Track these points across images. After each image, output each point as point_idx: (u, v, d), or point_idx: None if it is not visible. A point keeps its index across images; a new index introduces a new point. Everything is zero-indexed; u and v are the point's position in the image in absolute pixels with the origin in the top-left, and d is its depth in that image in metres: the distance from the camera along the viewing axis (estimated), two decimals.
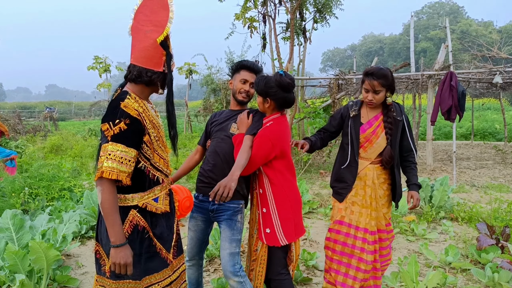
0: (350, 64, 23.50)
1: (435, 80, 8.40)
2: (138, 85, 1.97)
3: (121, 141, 1.82)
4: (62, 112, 35.47)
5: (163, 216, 2.05)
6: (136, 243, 1.94)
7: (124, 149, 1.82)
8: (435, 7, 59.44)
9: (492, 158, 10.95)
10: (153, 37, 1.91)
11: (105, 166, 1.77)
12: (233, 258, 2.47)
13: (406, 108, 14.85)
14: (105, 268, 1.94)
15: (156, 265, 2.01)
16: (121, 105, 1.86)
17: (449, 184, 5.40)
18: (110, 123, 1.83)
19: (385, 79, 2.52)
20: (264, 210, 2.40)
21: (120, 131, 1.82)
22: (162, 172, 2.06)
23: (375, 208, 2.68)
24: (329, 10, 9.66)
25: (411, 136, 2.76)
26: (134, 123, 1.86)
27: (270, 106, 2.44)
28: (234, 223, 2.49)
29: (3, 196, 4.90)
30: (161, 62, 1.96)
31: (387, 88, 2.56)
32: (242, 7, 9.10)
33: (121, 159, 1.80)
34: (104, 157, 1.79)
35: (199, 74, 16.97)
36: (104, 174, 1.76)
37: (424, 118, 11.53)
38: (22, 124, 16.69)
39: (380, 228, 2.71)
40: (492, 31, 42.11)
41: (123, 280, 1.93)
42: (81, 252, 4.07)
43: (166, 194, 2.07)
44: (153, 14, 1.93)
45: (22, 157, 8.69)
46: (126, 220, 1.92)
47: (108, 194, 1.80)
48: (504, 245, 3.62)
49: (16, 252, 2.81)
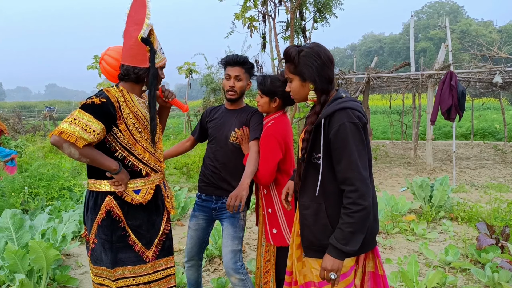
0: (350, 64, 23.53)
1: (435, 80, 8.40)
2: (128, 82, 2.07)
3: (90, 111, 1.90)
4: (61, 112, 35.32)
5: (144, 209, 2.07)
6: (108, 228, 2.01)
7: (90, 119, 1.88)
8: (435, 6, 59.42)
9: (492, 157, 10.96)
10: (135, 36, 1.99)
11: (66, 128, 1.83)
12: (235, 255, 2.46)
13: (406, 107, 14.96)
14: (89, 253, 2.07)
15: (128, 257, 2.05)
16: (104, 90, 2.00)
17: (449, 183, 5.39)
18: (87, 99, 1.95)
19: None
20: (270, 211, 2.38)
21: (93, 103, 1.92)
22: (149, 166, 2.09)
23: None
24: (329, 9, 9.64)
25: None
26: (108, 105, 1.95)
27: (278, 105, 2.41)
28: (237, 220, 2.49)
29: (3, 196, 4.89)
30: (145, 59, 2.03)
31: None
32: (242, 6, 9.09)
33: (85, 126, 1.86)
34: (68, 120, 1.86)
35: (199, 73, 16.95)
36: (63, 135, 1.83)
37: (424, 117, 11.52)
38: (22, 123, 16.69)
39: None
40: (492, 31, 42.10)
41: (99, 266, 2.05)
42: (81, 252, 4.07)
43: (151, 189, 2.09)
44: (136, 14, 2.03)
45: (21, 156, 8.69)
46: (102, 205, 2.01)
47: (77, 147, 1.86)
48: (504, 245, 3.61)
49: (16, 251, 2.80)
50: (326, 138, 1.67)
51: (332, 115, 1.66)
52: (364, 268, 1.85)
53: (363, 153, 1.63)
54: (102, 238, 2.01)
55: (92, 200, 2.04)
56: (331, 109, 1.67)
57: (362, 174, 1.61)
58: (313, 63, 1.71)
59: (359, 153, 1.62)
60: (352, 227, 1.60)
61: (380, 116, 23.25)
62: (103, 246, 2.01)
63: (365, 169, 1.63)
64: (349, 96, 1.76)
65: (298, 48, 1.76)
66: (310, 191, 1.76)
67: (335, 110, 1.65)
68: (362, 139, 1.65)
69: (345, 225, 1.61)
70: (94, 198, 2.03)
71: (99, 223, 2.00)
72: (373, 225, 1.77)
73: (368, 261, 1.85)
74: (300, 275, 1.83)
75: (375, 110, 24.55)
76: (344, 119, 1.62)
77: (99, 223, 2.00)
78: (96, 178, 2.03)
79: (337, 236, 1.63)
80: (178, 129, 18.94)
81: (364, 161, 1.64)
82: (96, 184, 2.03)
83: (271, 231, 2.38)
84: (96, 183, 2.03)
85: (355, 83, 9.71)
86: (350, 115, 1.63)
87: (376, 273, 1.85)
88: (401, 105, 14.95)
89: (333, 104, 1.69)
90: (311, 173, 1.76)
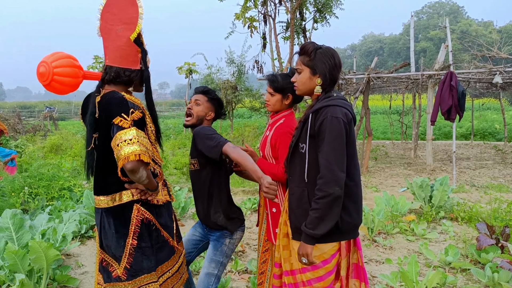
0: (350, 64, 23.48)
1: (435, 80, 8.39)
2: (118, 85, 1.93)
3: (141, 128, 1.81)
4: (62, 112, 35.45)
5: (164, 206, 2.07)
6: (145, 236, 1.94)
7: (145, 136, 1.81)
8: (435, 7, 59.45)
9: (492, 158, 10.96)
10: (125, 35, 1.86)
11: (140, 149, 1.71)
12: (208, 279, 2.38)
13: (406, 108, 14.95)
14: (117, 273, 1.90)
15: (166, 254, 2.05)
16: (127, 98, 1.84)
17: (449, 184, 5.39)
18: (123, 115, 1.77)
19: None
20: (274, 210, 2.36)
21: (139, 119, 1.81)
22: (159, 165, 2.07)
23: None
24: (329, 9, 9.65)
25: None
26: (143, 115, 1.87)
27: (290, 102, 2.39)
28: (220, 245, 2.42)
29: (3, 196, 4.89)
30: (137, 60, 1.94)
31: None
32: (242, 6, 9.10)
33: (147, 144, 1.79)
34: (133, 140, 1.72)
35: (199, 73, 16.96)
36: (143, 158, 1.72)
37: (424, 118, 11.52)
38: (22, 123, 16.67)
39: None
40: (492, 31, 42.09)
41: (139, 276, 1.93)
42: (81, 252, 4.07)
43: (162, 185, 2.08)
44: (121, 12, 1.88)
45: (22, 156, 8.68)
46: (132, 216, 1.91)
47: (147, 169, 1.78)
48: (504, 245, 3.61)
49: (16, 251, 2.80)
50: (312, 131, 1.82)
51: (319, 110, 1.83)
52: (349, 259, 1.94)
53: (338, 146, 1.75)
54: (142, 247, 1.92)
55: (119, 215, 1.91)
56: (319, 105, 1.85)
57: (331, 164, 1.73)
58: (327, 61, 1.86)
59: (334, 145, 1.75)
60: (318, 212, 1.73)
61: (380, 116, 23.26)
62: (144, 254, 1.92)
63: (337, 160, 1.75)
64: (340, 95, 1.91)
65: (316, 45, 1.91)
66: (296, 178, 1.91)
67: (322, 106, 1.83)
68: (341, 134, 1.76)
69: (313, 211, 1.76)
70: (121, 212, 1.90)
71: (135, 234, 1.90)
72: (355, 216, 1.87)
73: (352, 254, 1.94)
74: (286, 263, 1.95)
75: (375, 110, 24.55)
76: (328, 114, 1.78)
77: (136, 234, 1.90)
78: (114, 192, 1.91)
79: (307, 221, 1.78)
80: (178, 129, 18.94)
81: (338, 153, 1.75)
82: (116, 197, 1.90)
83: (273, 231, 2.37)
84: (116, 196, 1.90)
85: (355, 83, 9.71)
86: (334, 111, 1.78)
87: (358, 265, 1.96)
88: (401, 105, 14.95)
89: (323, 101, 1.86)
90: (297, 161, 1.91)
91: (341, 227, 1.81)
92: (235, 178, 7.62)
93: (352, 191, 1.84)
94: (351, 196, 1.84)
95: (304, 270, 1.87)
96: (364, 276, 1.96)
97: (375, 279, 3.42)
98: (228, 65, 14.54)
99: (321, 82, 1.88)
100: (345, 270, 1.92)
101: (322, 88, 1.89)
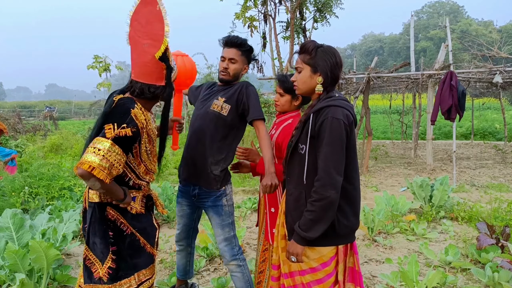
0: (350, 64, 23.45)
1: (435, 80, 8.39)
2: (142, 100, 1.95)
3: (120, 144, 1.79)
4: (62, 111, 35.43)
5: (143, 214, 2.05)
6: (119, 239, 1.94)
7: (120, 153, 1.79)
8: (435, 6, 59.41)
9: (492, 157, 10.95)
10: (151, 52, 1.86)
11: (98, 163, 1.72)
12: (229, 242, 2.43)
13: (406, 107, 14.94)
14: (99, 273, 1.90)
15: (144, 260, 2.02)
16: (132, 113, 1.84)
17: (449, 183, 5.38)
18: (115, 124, 1.79)
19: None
20: (273, 210, 2.36)
21: (125, 136, 1.79)
22: (145, 181, 2.06)
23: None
24: (330, 9, 9.64)
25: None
26: (136, 135, 1.86)
27: (299, 103, 2.39)
28: (221, 208, 2.43)
29: (3, 195, 4.89)
30: (162, 77, 1.94)
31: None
32: (242, 6, 9.09)
33: (115, 161, 1.77)
34: (100, 153, 1.73)
35: (199, 73, 16.93)
36: (94, 172, 1.71)
37: (424, 117, 11.51)
38: (22, 123, 16.66)
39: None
40: (492, 31, 42.08)
41: (119, 281, 1.93)
42: (81, 252, 4.06)
43: (143, 196, 2.06)
44: (148, 25, 1.88)
45: (22, 156, 8.68)
46: (106, 217, 1.92)
47: (102, 182, 1.77)
48: (504, 245, 3.61)
49: (16, 251, 2.80)
50: (312, 132, 1.78)
51: (320, 111, 1.78)
52: (345, 263, 1.92)
53: (337, 148, 1.71)
54: (119, 250, 1.93)
55: (101, 212, 1.94)
56: (320, 105, 1.80)
57: (328, 166, 1.70)
58: (329, 59, 1.82)
59: (333, 148, 1.71)
60: (312, 215, 1.71)
61: (380, 116, 23.25)
62: (122, 258, 1.94)
63: (335, 163, 1.71)
64: (341, 96, 1.86)
65: (317, 43, 1.87)
66: (294, 179, 1.88)
67: (323, 106, 1.78)
68: (341, 135, 1.72)
69: (307, 212, 1.74)
70: (103, 210, 1.93)
71: (110, 235, 1.92)
72: (352, 220, 1.84)
73: (349, 258, 1.92)
74: (285, 265, 1.92)
75: (375, 110, 24.54)
76: (329, 114, 1.74)
77: (110, 235, 1.92)
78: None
79: (300, 222, 1.76)
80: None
81: (337, 156, 1.72)
82: (98, 194, 1.93)
83: (271, 231, 2.37)
84: (94, 195, 1.93)
85: (355, 83, 9.71)
86: (335, 112, 1.74)
87: (354, 269, 1.94)
88: (401, 105, 14.94)
89: (324, 101, 1.82)
90: (295, 162, 1.88)
91: (338, 230, 1.79)
92: (235, 178, 7.62)
93: (350, 194, 1.81)
94: (349, 200, 1.81)
95: (304, 273, 1.85)
96: (359, 281, 1.93)
97: (375, 278, 3.42)
98: None
99: (322, 80, 1.84)
100: (343, 274, 1.89)
101: (323, 87, 1.85)
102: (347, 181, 1.77)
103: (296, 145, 1.89)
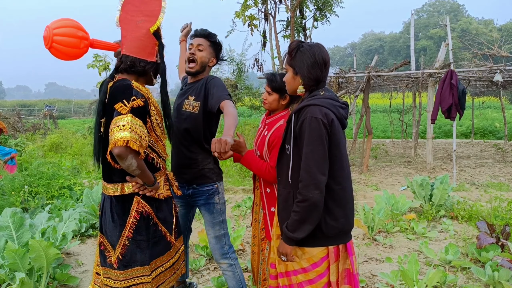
0: (350, 62, 23.45)
1: (435, 79, 8.39)
2: (130, 74, 1.95)
3: (139, 116, 1.79)
4: (61, 110, 35.42)
5: (165, 201, 2.07)
6: (142, 230, 1.95)
7: (142, 126, 1.79)
8: (436, 5, 59.35)
9: (492, 156, 10.95)
10: (145, 27, 1.88)
11: (130, 136, 1.69)
12: (219, 240, 2.43)
13: (406, 106, 14.94)
14: (111, 260, 1.94)
15: (161, 248, 2.05)
16: (133, 85, 1.85)
17: (449, 182, 5.38)
18: (124, 101, 1.78)
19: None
20: (273, 209, 2.36)
21: (138, 107, 1.79)
22: (162, 158, 2.07)
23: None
24: (330, 8, 9.63)
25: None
26: (146, 104, 1.86)
27: (287, 102, 2.40)
28: (213, 206, 2.44)
29: (3, 194, 4.89)
30: (153, 52, 1.96)
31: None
32: (243, 5, 9.08)
33: (141, 133, 1.77)
34: (126, 126, 1.71)
35: None
36: (130, 144, 1.70)
37: (424, 116, 11.52)
38: (22, 122, 16.65)
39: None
40: (492, 30, 42.03)
41: (132, 268, 1.95)
42: (81, 251, 4.06)
43: (165, 180, 2.09)
44: (143, 4, 1.90)
45: (21, 155, 8.68)
46: (131, 208, 1.92)
47: (137, 158, 1.77)
48: (504, 244, 3.61)
49: (16, 250, 2.80)
50: (295, 132, 1.78)
51: (300, 110, 1.77)
52: (339, 265, 1.89)
53: (318, 147, 1.69)
54: (137, 240, 1.94)
55: (119, 205, 1.93)
56: (300, 105, 1.79)
57: (310, 166, 1.68)
58: (306, 60, 1.79)
59: (312, 147, 1.68)
60: (298, 215, 1.71)
61: (381, 114, 23.25)
62: (138, 247, 1.94)
63: (317, 162, 1.68)
64: (329, 94, 1.82)
65: (300, 43, 1.85)
66: (283, 179, 1.88)
67: (303, 106, 1.76)
68: (321, 134, 1.69)
69: (293, 213, 1.73)
70: (121, 203, 1.93)
71: (132, 227, 1.92)
72: (342, 221, 1.80)
73: (344, 260, 1.88)
74: (281, 264, 1.92)
75: (376, 108, 24.54)
76: (308, 114, 1.72)
77: (133, 227, 1.92)
78: (117, 182, 1.93)
79: (288, 222, 1.76)
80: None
81: (317, 155, 1.68)
82: (118, 187, 1.93)
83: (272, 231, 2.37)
84: (119, 187, 1.93)
85: (355, 81, 9.71)
86: (314, 111, 1.71)
87: (350, 271, 1.90)
88: (402, 104, 14.94)
89: (306, 100, 1.80)
90: (284, 162, 1.87)
91: (326, 231, 1.76)
92: (235, 177, 7.62)
93: (338, 195, 1.76)
94: (336, 200, 1.76)
95: (296, 273, 1.85)
96: (355, 284, 1.89)
97: (375, 277, 3.42)
98: (228, 63, 14.53)
99: (302, 82, 1.82)
100: (335, 276, 1.85)
101: (304, 88, 1.84)
102: (333, 181, 1.74)
103: (283, 146, 1.89)
